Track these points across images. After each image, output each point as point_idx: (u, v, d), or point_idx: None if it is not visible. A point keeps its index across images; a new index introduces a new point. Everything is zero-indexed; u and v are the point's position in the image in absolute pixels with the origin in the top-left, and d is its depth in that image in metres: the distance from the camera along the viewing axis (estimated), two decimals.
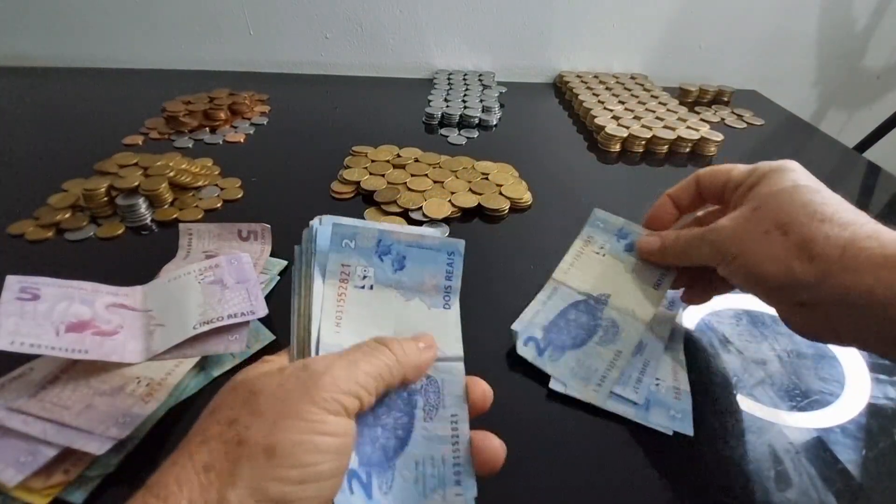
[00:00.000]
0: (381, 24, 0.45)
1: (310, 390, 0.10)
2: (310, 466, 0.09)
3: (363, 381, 0.11)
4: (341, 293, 0.13)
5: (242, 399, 0.10)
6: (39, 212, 0.25)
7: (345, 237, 0.14)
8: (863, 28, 0.49)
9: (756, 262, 0.14)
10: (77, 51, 0.44)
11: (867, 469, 0.16)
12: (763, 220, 0.15)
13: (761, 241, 0.14)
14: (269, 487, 0.09)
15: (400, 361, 0.12)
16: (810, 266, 0.13)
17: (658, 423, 0.16)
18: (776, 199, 0.15)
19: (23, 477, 0.13)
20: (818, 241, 0.13)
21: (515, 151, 0.34)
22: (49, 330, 0.16)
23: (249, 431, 0.09)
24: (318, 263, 0.14)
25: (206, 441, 0.10)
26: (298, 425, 0.10)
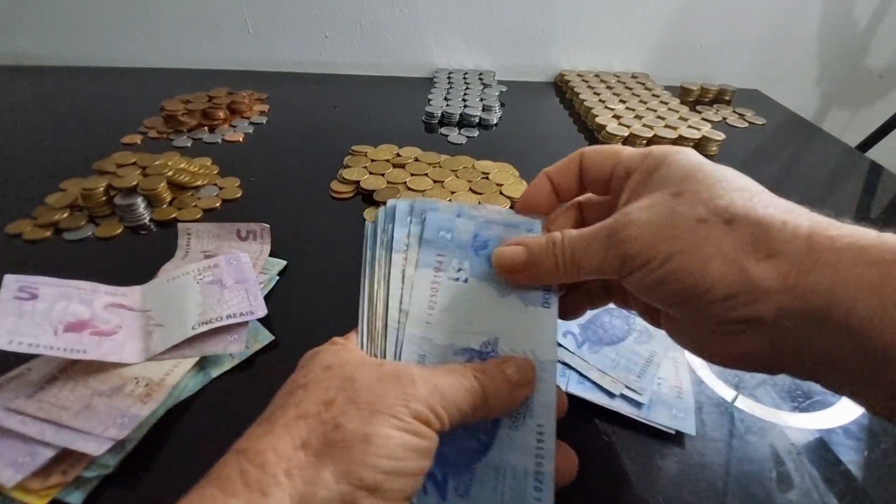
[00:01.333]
0: (380, 22, 0.45)
1: (405, 394, 0.10)
2: (401, 461, 0.10)
3: (449, 409, 0.11)
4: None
5: (339, 382, 0.10)
6: (37, 211, 0.25)
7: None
8: (865, 27, 0.49)
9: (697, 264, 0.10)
10: (75, 49, 0.44)
11: (869, 470, 0.16)
12: (693, 206, 0.10)
13: (698, 234, 0.10)
14: (364, 473, 0.09)
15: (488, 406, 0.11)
16: (770, 265, 0.09)
17: (660, 422, 0.16)
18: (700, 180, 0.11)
19: (21, 477, 0.13)
20: (774, 232, 0.10)
21: (516, 151, 0.34)
22: (47, 329, 0.16)
23: (346, 417, 0.10)
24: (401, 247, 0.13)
25: (304, 417, 0.10)
26: (392, 421, 0.10)
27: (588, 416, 0.17)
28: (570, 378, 0.18)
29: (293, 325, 0.20)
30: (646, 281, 0.11)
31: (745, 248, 0.10)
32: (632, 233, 0.11)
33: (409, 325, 0.13)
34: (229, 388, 0.17)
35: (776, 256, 0.10)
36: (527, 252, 0.12)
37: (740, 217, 0.10)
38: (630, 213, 0.11)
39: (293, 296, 0.22)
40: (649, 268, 0.11)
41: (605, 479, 0.15)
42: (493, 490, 0.11)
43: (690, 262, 0.10)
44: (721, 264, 0.10)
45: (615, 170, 0.13)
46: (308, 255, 0.24)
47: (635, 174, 0.12)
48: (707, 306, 0.10)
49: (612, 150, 0.13)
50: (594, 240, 0.12)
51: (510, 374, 0.12)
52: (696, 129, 0.37)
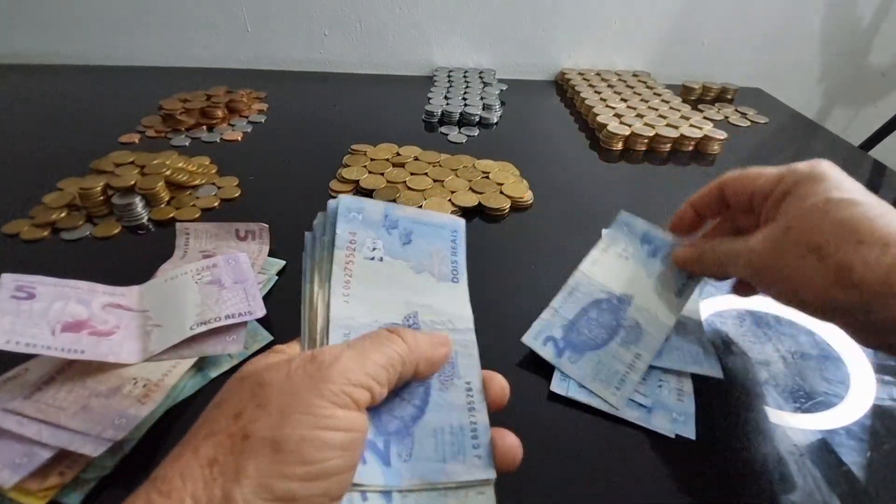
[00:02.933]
0: (380, 20, 0.45)
1: (318, 383, 0.10)
2: (317, 463, 0.09)
3: (374, 372, 0.10)
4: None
5: (249, 391, 0.10)
6: (35, 211, 0.25)
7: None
8: (868, 25, 0.49)
9: (793, 290, 0.14)
10: (72, 48, 0.44)
11: (872, 471, 0.16)
12: (796, 243, 0.14)
13: (796, 266, 0.14)
14: (275, 484, 0.09)
15: (413, 351, 0.11)
16: (852, 293, 0.13)
17: (660, 426, 0.16)
18: (808, 218, 0.14)
19: (18, 479, 0.13)
20: (857, 268, 0.12)
21: (516, 150, 0.34)
22: (45, 329, 0.16)
23: (255, 425, 0.09)
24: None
25: (212, 434, 0.09)
26: (306, 420, 0.09)
27: (588, 419, 0.17)
28: (570, 384, 0.17)
29: (292, 325, 0.20)
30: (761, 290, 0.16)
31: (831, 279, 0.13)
32: (749, 260, 0.15)
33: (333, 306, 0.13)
34: None
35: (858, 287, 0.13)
36: (698, 252, 0.18)
37: (831, 256, 0.13)
38: (753, 241, 0.15)
39: (292, 296, 0.21)
40: (761, 287, 0.15)
41: (606, 481, 0.15)
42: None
43: (786, 287, 0.14)
44: (811, 292, 0.14)
45: (754, 196, 0.16)
46: None
47: (770, 200, 0.15)
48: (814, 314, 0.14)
49: (751, 176, 0.16)
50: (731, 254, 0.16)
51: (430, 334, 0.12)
52: (698, 128, 0.36)
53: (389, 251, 0.14)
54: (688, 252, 0.18)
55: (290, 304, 0.21)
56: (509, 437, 0.12)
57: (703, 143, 0.36)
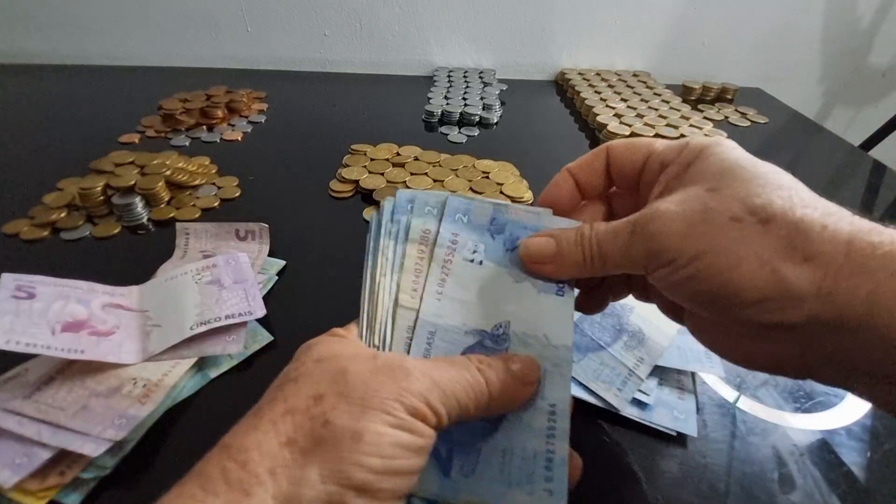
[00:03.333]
0: (380, 20, 0.45)
1: (401, 389, 0.10)
2: (392, 459, 0.09)
3: (448, 404, 0.10)
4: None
5: (330, 376, 0.10)
6: (35, 211, 0.25)
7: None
8: (868, 25, 0.49)
9: (728, 265, 0.09)
10: (72, 48, 0.44)
11: (872, 471, 0.16)
12: (728, 203, 0.10)
13: (731, 233, 0.10)
14: (354, 472, 0.09)
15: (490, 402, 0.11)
16: (806, 270, 0.09)
17: (661, 424, 0.16)
18: (738, 176, 0.10)
19: (18, 479, 0.13)
20: (813, 235, 0.09)
21: (516, 150, 0.34)
22: (45, 329, 0.16)
23: (336, 412, 0.09)
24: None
25: (291, 412, 0.09)
26: (384, 418, 0.09)
27: (589, 417, 0.17)
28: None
29: (292, 325, 0.20)
30: (672, 279, 0.10)
31: (780, 251, 0.09)
32: (659, 227, 0.10)
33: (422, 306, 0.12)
34: (228, 389, 0.17)
35: (812, 261, 0.09)
36: (556, 243, 0.12)
37: (777, 217, 0.09)
38: (659, 207, 0.11)
39: (292, 296, 0.22)
40: (676, 265, 0.10)
41: (606, 479, 0.15)
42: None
43: (720, 261, 0.10)
44: (753, 266, 0.09)
45: (648, 163, 0.12)
46: (307, 255, 0.24)
47: (671, 167, 0.11)
48: (736, 309, 0.10)
49: (644, 143, 0.13)
50: (621, 233, 0.11)
51: (515, 370, 0.11)
52: (698, 127, 0.36)
53: (491, 256, 0.13)
54: (541, 242, 0.12)
55: (291, 304, 0.21)
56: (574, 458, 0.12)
57: None
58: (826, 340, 0.09)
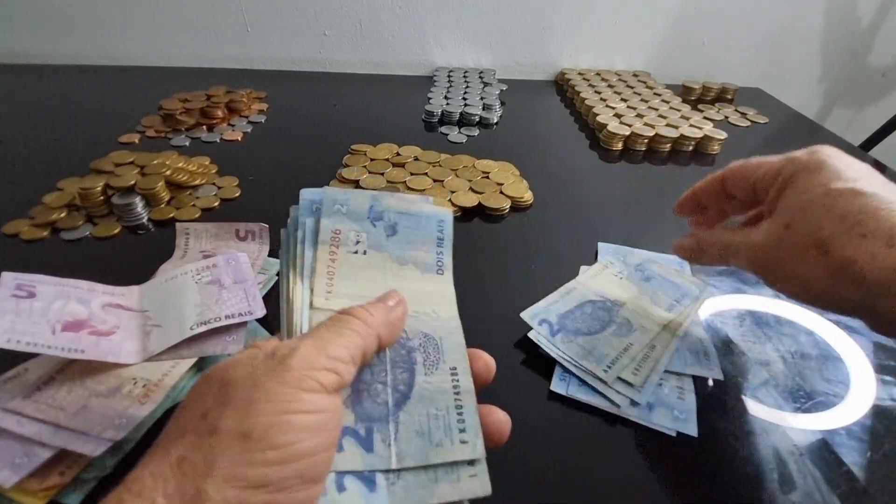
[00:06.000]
0: (380, 20, 0.45)
1: (280, 373, 0.10)
2: (288, 446, 0.09)
3: (336, 354, 0.10)
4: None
5: (215, 391, 0.10)
6: (35, 211, 0.25)
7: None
8: (868, 25, 0.49)
9: (799, 287, 0.14)
10: (72, 48, 0.44)
11: (872, 471, 0.16)
12: (798, 237, 0.14)
13: (799, 263, 0.13)
14: (248, 472, 0.09)
15: (369, 325, 0.12)
16: (856, 290, 0.12)
17: (661, 424, 0.16)
18: (808, 213, 0.13)
19: (18, 478, 0.13)
20: (860, 263, 0.12)
21: (516, 150, 0.34)
22: (45, 328, 0.16)
23: (221, 420, 0.09)
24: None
25: (181, 435, 0.09)
26: (270, 407, 0.09)
27: (589, 417, 0.17)
28: (570, 381, 0.18)
29: None
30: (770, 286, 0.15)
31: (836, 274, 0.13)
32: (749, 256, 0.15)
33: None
34: None
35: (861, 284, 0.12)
36: (696, 241, 0.18)
37: (836, 251, 0.13)
38: (755, 236, 0.15)
39: None
40: (765, 281, 0.15)
41: (606, 479, 0.15)
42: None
43: (791, 284, 0.14)
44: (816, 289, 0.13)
45: (756, 186, 0.16)
46: None
47: (772, 190, 0.15)
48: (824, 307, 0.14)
49: (753, 166, 0.16)
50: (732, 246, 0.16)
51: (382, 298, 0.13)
52: (698, 127, 0.36)
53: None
54: (687, 241, 0.18)
55: None
56: (496, 414, 0.12)
57: (703, 143, 0.36)
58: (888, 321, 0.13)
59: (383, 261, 0.14)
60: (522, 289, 0.21)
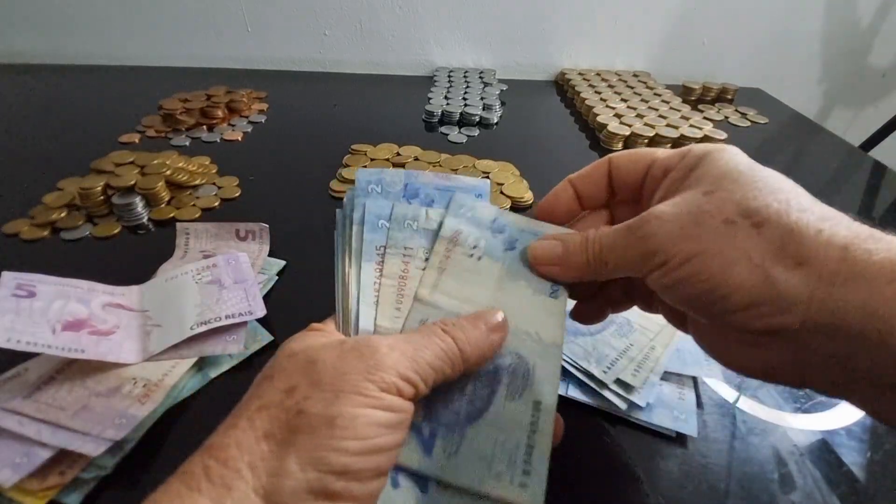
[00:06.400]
0: (380, 20, 0.45)
1: (370, 368, 0.10)
2: (369, 439, 0.09)
3: (422, 371, 0.10)
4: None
5: (301, 367, 0.10)
6: (35, 211, 0.25)
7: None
8: (868, 26, 0.49)
9: (719, 268, 0.09)
10: (72, 48, 0.44)
11: (872, 472, 0.16)
12: (721, 205, 0.10)
13: (723, 235, 0.10)
14: (332, 458, 0.09)
15: (462, 351, 0.11)
16: (798, 274, 0.09)
17: (661, 425, 0.16)
18: (735, 180, 0.10)
19: (18, 478, 0.13)
20: (807, 239, 0.09)
21: (516, 150, 0.34)
22: (45, 328, 0.16)
23: (309, 402, 0.09)
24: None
25: (266, 407, 0.10)
26: (358, 399, 0.09)
27: (589, 417, 0.17)
28: (569, 383, 0.17)
29: (292, 325, 0.19)
30: (665, 280, 0.10)
31: (773, 255, 0.09)
32: (653, 229, 0.10)
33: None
34: (228, 389, 0.17)
35: (805, 265, 0.09)
36: (563, 246, 0.13)
37: (772, 221, 0.09)
38: (654, 209, 0.11)
39: (292, 296, 0.22)
40: (669, 266, 0.10)
41: (606, 479, 0.15)
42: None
43: (712, 264, 0.10)
44: (745, 270, 0.09)
45: (650, 171, 0.12)
46: (307, 255, 0.24)
47: (672, 172, 0.12)
48: (728, 313, 0.10)
49: (646, 152, 0.13)
50: (619, 235, 0.11)
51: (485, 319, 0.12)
52: (698, 128, 0.36)
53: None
54: (548, 245, 0.13)
55: (291, 303, 0.21)
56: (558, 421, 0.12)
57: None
58: (820, 346, 0.09)
59: (496, 270, 0.13)
60: None
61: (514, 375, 0.12)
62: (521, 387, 0.12)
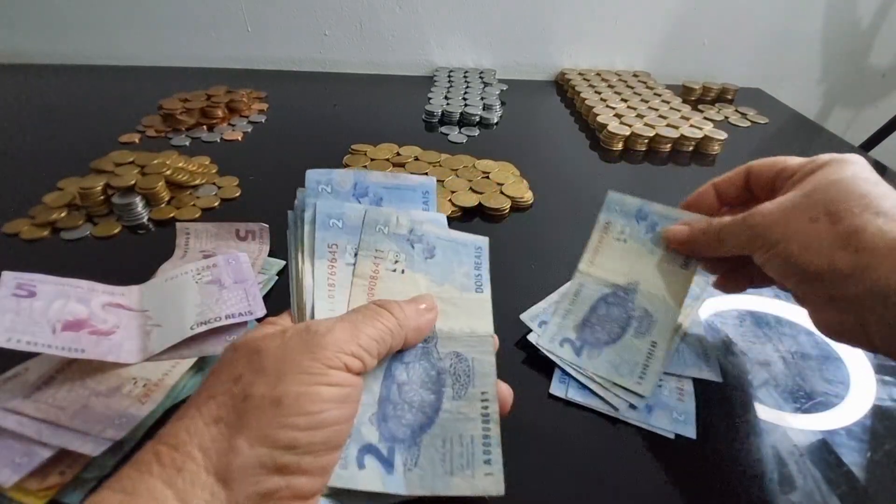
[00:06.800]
0: (380, 20, 0.45)
1: (312, 349, 0.10)
2: (315, 414, 0.10)
3: (365, 344, 0.11)
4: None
5: (246, 358, 0.11)
6: (35, 210, 0.25)
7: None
8: (868, 26, 0.49)
9: (797, 251, 0.13)
10: (73, 48, 0.44)
11: (872, 472, 0.16)
12: (813, 206, 0.13)
13: (807, 228, 0.13)
14: (279, 434, 0.10)
15: (401, 325, 0.12)
16: (852, 257, 0.12)
17: (660, 426, 0.16)
18: (831, 186, 0.13)
19: (18, 478, 0.13)
20: (867, 233, 0.12)
21: (516, 150, 0.34)
22: (45, 328, 0.16)
23: (254, 387, 0.10)
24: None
25: (213, 396, 0.10)
26: (301, 378, 0.10)
27: (588, 419, 0.17)
28: (569, 384, 0.17)
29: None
30: (762, 258, 0.14)
31: (839, 242, 0.13)
32: (758, 220, 0.14)
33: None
34: None
35: (861, 252, 0.12)
36: (689, 228, 0.17)
37: (845, 221, 0.13)
38: (763, 205, 0.14)
39: None
40: (764, 248, 0.14)
41: (606, 481, 0.15)
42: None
43: (791, 247, 0.13)
44: (815, 254, 0.13)
45: (781, 174, 0.16)
46: None
47: (797, 175, 0.15)
48: (803, 282, 0.14)
49: (780, 159, 0.16)
50: (734, 222, 0.15)
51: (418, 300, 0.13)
52: (698, 128, 0.36)
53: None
54: (678, 227, 0.17)
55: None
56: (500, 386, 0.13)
57: (704, 144, 0.36)
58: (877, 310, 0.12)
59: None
60: (522, 289, 0.21)
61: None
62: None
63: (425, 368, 0.13)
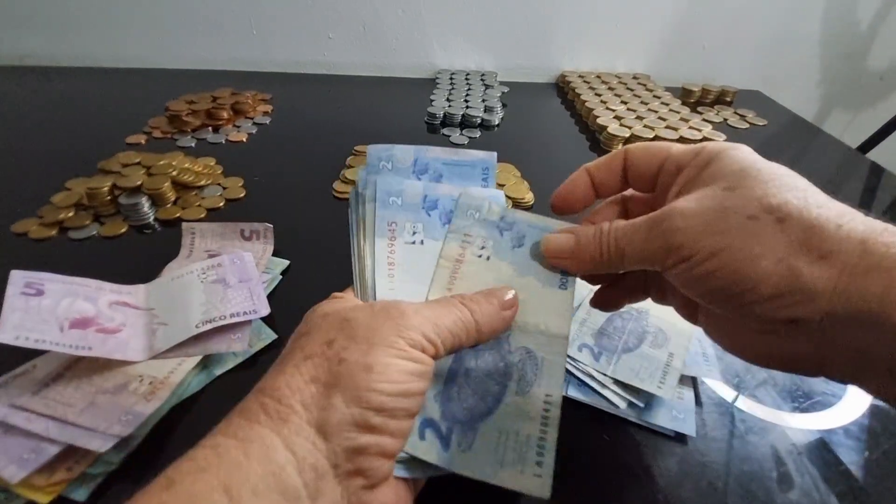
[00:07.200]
0: (383, 23, 0.45)
1: (398, 326, 0.11)
2: (400, 383, 0.11)
3: (442, 334, 0.12)
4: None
5: (337, 324, 0.11)
6: (43, 210, 0.25)
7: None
8: (866, 29, 0.49)
9: (745, 261, 0.10)
10: (80, 50, 0.44)
11: (870, 471, 0.16)
12: (745, 201, 0.10)
13: (748, 231, 0.10)
14: (371, 397, 0.10)
15: (478, 328, 0.12)
16: (821, 267, 0.09)
17: (660, 424, 0.16)
18: (754, 177, 0.10)
19: (26, 474, 0.13)
20: (828, 234, 0.09)
21: (517, 151, 0.34)
22: (53, 326, 0.16)
23: (347, 352, 0.11)
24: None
25: (310, 357, 0.11)
26: (390, 351, 0.11)
27: (588, 416, 0.17)
28: (569, 382, 0.18)
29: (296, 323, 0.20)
30: (689, 275, 0.11)
31: (796, 249, 0.09)
32: (677, 224, 0.11)
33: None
34: (232, 387, 0.17)
35: (828, 258, 0.09)
36: (575, 239, 0.13)
37: (793, 216, 0.10)
38: (677, 205, 0.11)
39: (296, 295, 0.22)
40: (694, 261, 0.10)
41: (605, 479, 0.15)
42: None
43: (738, 258, 0.10)
44: (770, 263, 0.09)
45: (664, 165, 0.13)
46: (310, 255, 0.24)
47: (687, 169, 0.12)
48: (751, 305, 0.10)
49: (662, 146, 0.13)
50: (640, 229, 0.11)
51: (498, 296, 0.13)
52: (698, 130, 0.37)
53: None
54: (562, 238, 0.13)
55: (294, 302, 0.21)
56: None
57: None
58: (840, 336, 0.09)
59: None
60: None
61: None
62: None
63: (494, 359, 0.13)
